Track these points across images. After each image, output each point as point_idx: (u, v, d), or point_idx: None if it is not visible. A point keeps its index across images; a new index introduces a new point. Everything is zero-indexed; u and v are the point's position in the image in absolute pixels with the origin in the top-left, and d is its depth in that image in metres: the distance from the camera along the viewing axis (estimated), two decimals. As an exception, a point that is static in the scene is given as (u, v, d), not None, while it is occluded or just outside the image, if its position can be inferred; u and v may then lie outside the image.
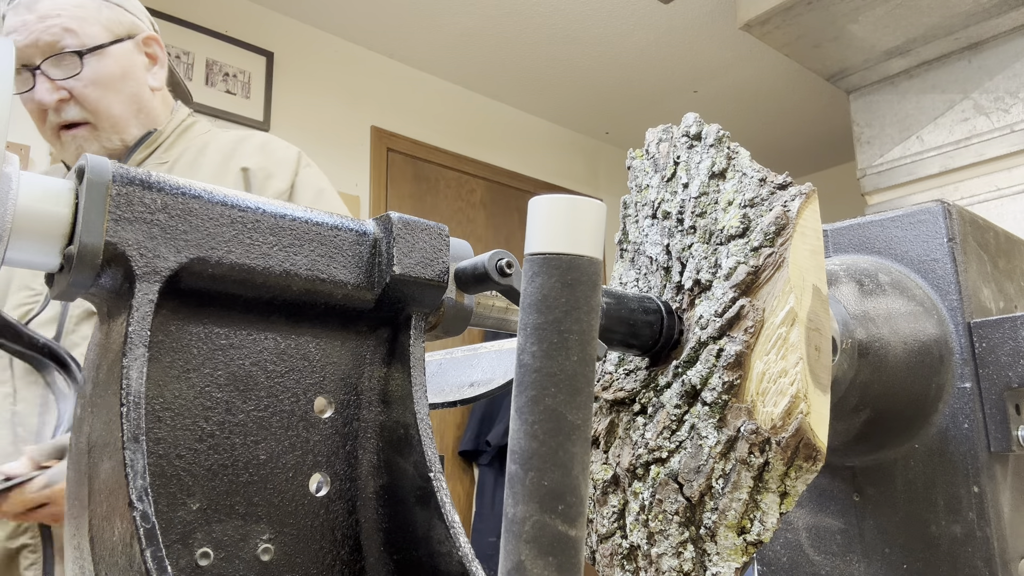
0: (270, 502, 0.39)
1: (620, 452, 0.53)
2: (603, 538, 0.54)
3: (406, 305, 0.43)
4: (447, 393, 0.65)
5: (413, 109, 3.61)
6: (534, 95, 3.93)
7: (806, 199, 0.49)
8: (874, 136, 2.95)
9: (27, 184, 0.34)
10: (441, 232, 0.44)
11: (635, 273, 0.59)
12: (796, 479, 0.46)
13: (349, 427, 0.43)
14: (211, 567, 0.37)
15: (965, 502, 0.58)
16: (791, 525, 0.67)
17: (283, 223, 0.40)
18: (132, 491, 0.31)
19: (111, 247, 0.34)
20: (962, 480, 0.58)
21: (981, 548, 0.57)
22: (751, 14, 2.66)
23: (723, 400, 0.48)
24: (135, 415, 0.33)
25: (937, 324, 0.61)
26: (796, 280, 0.47)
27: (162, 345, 0.37)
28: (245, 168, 1.29)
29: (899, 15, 2.58)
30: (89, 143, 1.18)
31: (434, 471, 0.40)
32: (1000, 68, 2.63)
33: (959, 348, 0.60)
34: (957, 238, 0.62)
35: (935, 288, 0.62)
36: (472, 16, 3.26)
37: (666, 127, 0.60)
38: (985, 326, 0.59)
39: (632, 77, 3.74)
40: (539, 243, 0.31)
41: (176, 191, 0.37)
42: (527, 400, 0.30)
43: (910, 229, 0.64)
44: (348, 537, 0.42)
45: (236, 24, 3.08)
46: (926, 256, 0.63)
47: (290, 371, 0.41)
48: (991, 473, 0.57)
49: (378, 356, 0.44)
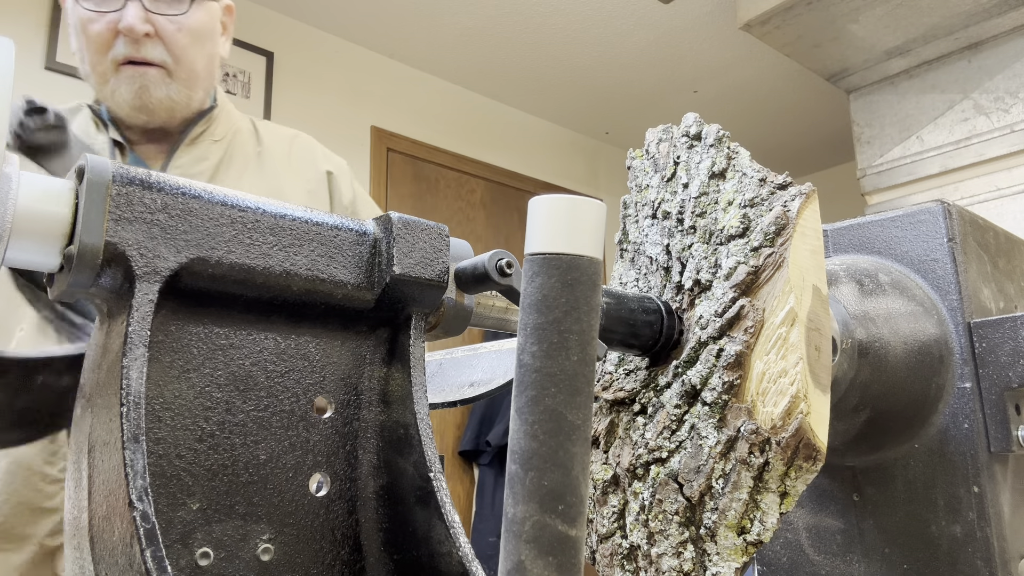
0: (270, 502, 0.39)
1: (620, 452, 0.53)
2: (603, 538, 0.54)
3: (406, 305, 0.43)
4: (447, 393, 0.65)
5: (413, 109, 3.61)
6: (534, 95, 3.93)
7: (806, 199, 0.49)
8: (874, 136, 2.95)
9: (27, 184, 0.34)
10: (441, 232, 0.44)
11: (635, 273, 0.59)
12: (796, 479, 0.46)
13: (349, 427, 0.43)
14: (211, 567, 0.37)
15: (965, 502, 0.58)
16: (791, 525, 0.67)
17: (283, 223, 0.40)
18: (132, 491, 0.31)
19: (111, 247, 0.34)
20: (962, 480, 0.58)
21: (981, 548, 0.57)
22: (751, 14, 2.66)
23: (723, 400, 0.48)
24: (135, 415, 0.33)
25: (937, 324, 0.61)
26: (796, 280, 0.47)
27: (162, 345, 0.37)
28: (329, 172, 1.29)
29: (899, 15, 2.58)
30: (158, 86, 1.09)
31: (434, 471, 0.40)
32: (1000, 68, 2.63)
33: (959, 348, 0.60)
34: (957, 238, 0.62)
35: (935, 288, 0.62)
36: (472, 16, 3.26)
37: (666, 127, 0.60)
38: (985, 326, 0.59)
39: (632, 77, 3.74)
40: (539, 243, 0.31)
41: (176, 191, 0.37)
42: (527, 400, 0.30)
43: (910, 229, 0.64)
44: (348, 537, 0.42)
45: (236, 24, 3.07)
46: (926, 256, 0.63)
47: (290, 371, 0.41)
48: (991, 473, 0.57)
49: (378, 356, 0.44)
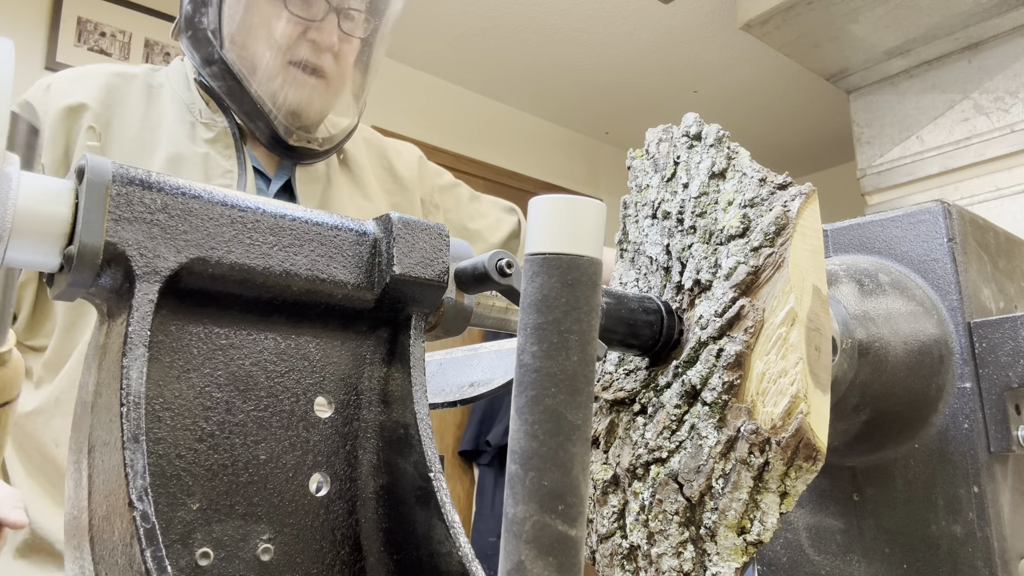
0: (270, 502, 0.39)
1: (620, 452, 0.53)
2: (603, 538, 0.54)
3: (406, 305, 0.43)
4: (447, 393, 0.65)
5: (413, 109, 3.61)
6: (534, 95, 3.93)
7: (806, 199, 0.49)
8: (874, 136, 2.95)
9: (27, 184, 0.34)
10: (441, 232, 0.44)
11: (635, 273, 0.59)
12: (796, 479, 0.46)
13: (349, 427, 0.43)
14: (211, 567, 0.37)
15: (965, 502, 0.58)
16: (791, 525, 0.67)
17: (283, 223, 0.40)
18: (132, 491, 0.31)
19: (111, 247, 0.34)
20: (962, 480, 0.58)
21: (981, 548, 0.57)
22: (751, 14, 2.66)
23: (723, 400, 0.48)
24: (135, 415, 0.33)
25: (937, 324, 0.61)
26: (796, 280, 0.47)
27: (162, 345, 0.37)
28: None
29: (899, 15, 2.57)
30: (319, 96, 1.08)
31: (434, 471, 0.40)
32: (1000, 68, 2.63)
33: (959, 348, 0.60)
34: (957, 238, 0.62)
35: (935, 288, 0.62)
36: (472, 16, 3.26)
37: (666, 127, 0.60)
38: (985, 326, 0.59)
39: (632, 77, 3.74)
40: (539, 243, 0.31)
41: (176, 191, 0.37)
42: (527, 400, 0.30)
43: (910, 229, 0.64)
44: (348, 537, 0.42)
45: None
46: (926, 256, 0.63)
47: (290, 371, 0.41)
48: (991, 473, 0.57)
49: (378, 356, 0.44)
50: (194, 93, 1.08)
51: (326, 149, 1.12)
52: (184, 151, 1.03)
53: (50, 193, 0.34)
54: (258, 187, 1.08)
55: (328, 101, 1.11)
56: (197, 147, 1.04)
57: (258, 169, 1.10)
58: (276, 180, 1.11)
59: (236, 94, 1.05)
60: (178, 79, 1.10)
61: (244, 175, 1.04)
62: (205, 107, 1.07)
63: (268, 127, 1.06)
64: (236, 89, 1.05)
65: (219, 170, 1.03)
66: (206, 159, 1.03)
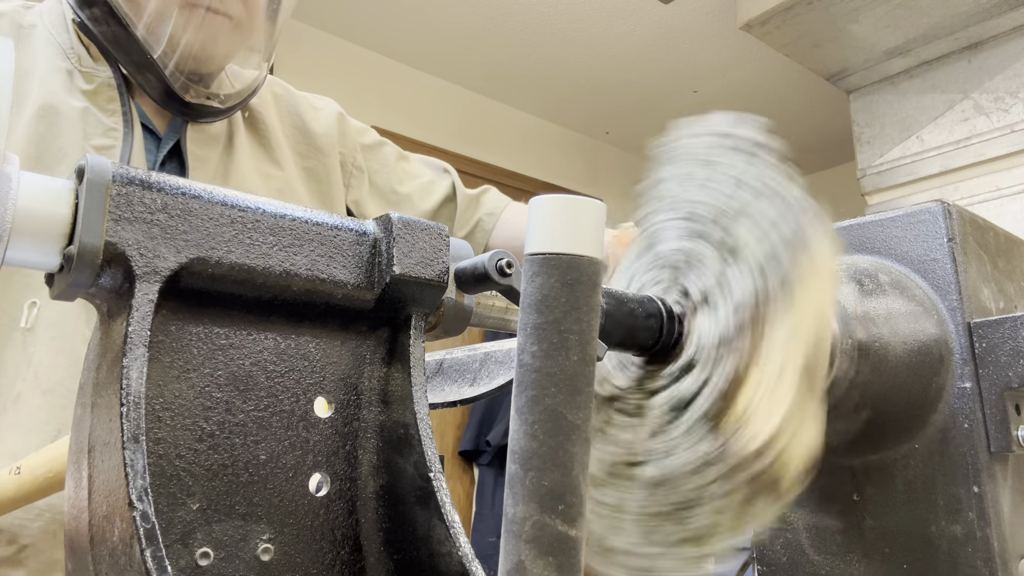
0: (270, 502, 0.39)
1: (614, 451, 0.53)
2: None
3: (406, 305, 0.43)
4: (447, 393, 0.65)
5: (413, 109, 3.61)
6: (534, 95, 3.93)
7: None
8: (874, 136, 2.95)
9: (27, 184, 0.34)
10: (441, 232, 0.44)
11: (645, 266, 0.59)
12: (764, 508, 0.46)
13: (349, 427, 0.43)
14: (211, 567, 0.37)
15: (965, 502, 0.58)
16: (791, 525, 0.67)
17: (283, 223, 0.40)
18: (132, 491, 0.31)
19: (111, 247, 0.34)
20: (962, 480, 0.58)
21: (981, 548, 0.57)
22: (751, 14, 2.66)
23: (715, 409, 0.48)
24: (135, 415, 0.33)
25: (937, 324, 0.61)
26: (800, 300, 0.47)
27: (162, 345, 0.37)
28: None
29: (899, 15, 2.58)
30: (224, 38, 0.93)
31: (434, 471, 0.40)
32: (1000, 68, 2.63)
33: (959, 348, 0.60)
34: (957, 238, 0.62)
35: (935, 288, 0.62)
36: (472, 16, 3.26)
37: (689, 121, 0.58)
38: (985, 326, 0.59)
39: (632, 77, 3.74)
40: (539, 243, 0.31)
41: (176, 191, 0.37)
42: (527, 400, 0.30)
43: (910, 229, 0.64)
44: (348, 537, 0.42)
45: (236, 24, 3.08)
46: (926, 256, 0.63)
47: (290, 371, 0.41)
48: (991, 473, 0.57)
49: (378, 356, 0.44)
50: (72, 36, 0.91)
51: (228, 107, 0.97)
52: (58, 103, 0.88)
53: (50, 193, 0.34)
54: (147, 149, 0.93)
55: (235, 43, 0.95)
56: (74, 100, 0.89)
57: (148, 127, 0.94)
58: (166, 140, 0.95)
59: (122, 41, 0.88)
60: (54, 19, 0.93)
61: (131, 135, 0.89)
62: (86, 53, 0.91)
63: (160, 80, 0.90)
64: (122, 35, 0.88)
65: (100, 128, 0.89)
66: (85, 114, 0.88)
